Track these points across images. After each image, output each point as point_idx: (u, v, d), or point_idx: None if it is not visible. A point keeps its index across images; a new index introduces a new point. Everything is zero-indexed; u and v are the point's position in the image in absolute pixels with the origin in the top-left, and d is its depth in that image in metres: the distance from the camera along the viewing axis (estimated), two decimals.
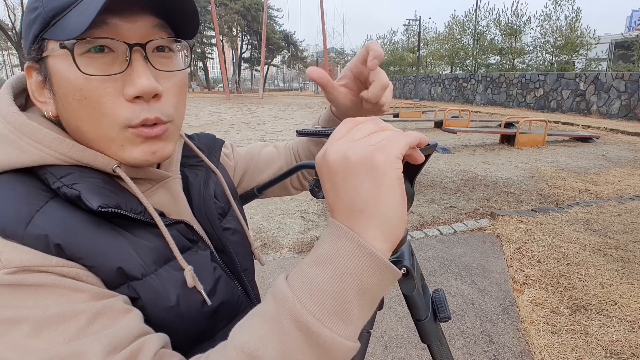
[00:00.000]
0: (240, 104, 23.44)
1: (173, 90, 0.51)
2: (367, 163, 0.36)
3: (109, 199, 0.46)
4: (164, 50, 0.50)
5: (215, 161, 0.71)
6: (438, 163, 6.75)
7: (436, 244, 3.52)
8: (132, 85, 0.46)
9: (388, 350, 2.18)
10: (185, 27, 0.50)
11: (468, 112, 12.00)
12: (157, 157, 0.51)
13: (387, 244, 0.36)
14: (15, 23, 28.73)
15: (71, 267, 0.42)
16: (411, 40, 34.06)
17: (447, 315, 0.60)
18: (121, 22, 0.45)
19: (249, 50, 52.64)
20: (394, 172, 0.36)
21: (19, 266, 0.39)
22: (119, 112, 0.46)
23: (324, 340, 0.34)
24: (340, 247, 0.36)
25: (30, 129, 0.46)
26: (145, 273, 0.47)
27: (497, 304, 2.59)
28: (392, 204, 0.36)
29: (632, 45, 18.51)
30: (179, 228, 0.54)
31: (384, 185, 0.35)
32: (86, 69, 0.44)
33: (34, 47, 0.47)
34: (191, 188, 0.63)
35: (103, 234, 0.45)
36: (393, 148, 0.36)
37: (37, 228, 0.41)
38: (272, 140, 8.99)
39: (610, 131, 10.78)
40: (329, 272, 0.35)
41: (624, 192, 5.00)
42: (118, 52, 0.46)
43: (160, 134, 0.49)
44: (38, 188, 0.45)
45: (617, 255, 3.20)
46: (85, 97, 0.45)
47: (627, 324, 2.33)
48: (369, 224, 0.36)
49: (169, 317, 0.48)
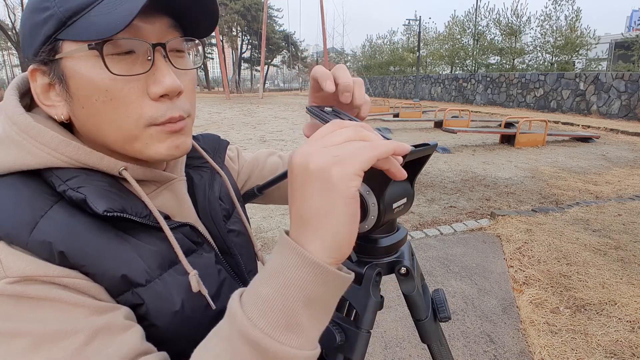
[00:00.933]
0: (240, 104, 23.43)
1: (190, 87, 0.52)
2: (323, 175, 0.35)
3: (115, 203, 0.46)
4: (178, 50, 0.51)
5: (220, 162, 0.71)
6: (438, 163, 6.75)
7: (436, 244, 3.52)
8: (157, 84, 0.47)
9: (388, 350, 2.18)
10: (196, 27, 0.51)
11: (468, 112, 11.99)
12: (181, 151, 0.51)
13: (330, 259, 0.36)
14: (15, 23, 28.71)
15: (73, 278, 0.42)
16: (411, 40, 34.05)
17: (447, 315, 0.60)
18: (142, 23, 0.46)
19: (249, 50, 52.63)
20: (346, 190, 0.34)
21: (22, 276, 0.39)
22: (144, 111, 0.47)
23: (275, 353, 0.35)
24: (285, 259, 0.36)
25: (37, 131, 0.46)
26: (150, 279, 0.47)
27: (497, 304, 2.59)
28: (340, 222, 0.35)
29: (632, 45, 18.50)
30: (184, 231, 0.54)
31: (335, 201, 0.35)
32: (112, 69, 0.44)
33: (44, 48, 0.46)
34: (196, 189, 0.62)
35: (107, 240, 0.45)
36: (354, 163, 0.34)
37: (42, 234, 0.41)
38: (272, 141, 9.03)
39: (610, 131, 10.77)
40: (275, 286, 0.36)
41: (624, 192, 5.00)
42: (139, 53, 0.46)
43: (183, 127, 0.51)
44: (43, 191, 0.45)
45: (617, 255, 3.20)
46: (112, 98, 0.45)
47: (627, 324, 2.33)
48: (314, 237, 0.36)
49: (174, 322, 0.48)
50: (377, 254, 0.55)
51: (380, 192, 0.49)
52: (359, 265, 0.54)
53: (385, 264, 0.56)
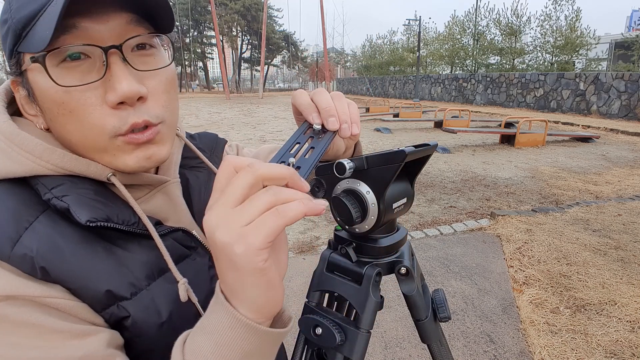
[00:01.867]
0: (240, 104, 23.43)
1: (160, 89, 0.48)
2: (227, 252, 0.33)
3: (98, 212, 0.44)
4: (144, 48, 0.47)
5: (217, 162, 0.69)
6: (438, 163, 6.75)
7: (436, 244, 3.52)
8: (112, 91, 0.43)
9: (388, 350, 2.18)
10: (161, 19, 0.47)
11: (468, 112, 11.99)
12: (153, 162, 0.49)
13: (262, 318, 0.38)
14: None
15: (55, 298, 0.40)
16: (411, 40, 34.04)
17: (447, 315, 0.60)
18: (92, 23, 0.42)
19: (249, 50, 52.61)
20: (252, 266, 0.33)
21: (3, 294, 0.38)
22: (105, 121, 0.44)
23: None
24: (220, 318, 0.37)
25: (21, 139, 0.45)
26: (136, 291, 0.46)
27: (497, 304, 2.59)
28: (255, 294, 0.36)
29: (632, 45, 18.50)
30: (176, 236, 0.52)
31: (244, 279, 0.35)
32: (63, 80, 0.42)
33: (12, 61, 0.45)
34: (191, 191, 0.61)
35: (92, 254, 0.44)
36: (257, 237, 0.32)
37: (24, 248, 0.40)
38: (272, 141, 9.02)
39: (610, 131, 10.77)
40: (213, 343, 0.37)
41: (624, 192, 5.00)
42: (94, 58, 0.43)
43: (152, 137, 0.47)
44: (30, 200, 0.44)
45: (617, 255, 3.20)
46: (70, 110, 0.43)
47: (627, 324, 2.33)
48: (240, 303, 0.37)
49: (161, 332, 0.47)
50: (377, 254, 0.55)
51: (380, 192, 0.49)
52: (359, 265, 0.54)
53: (385, 264, 0.56)
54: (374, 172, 0.49)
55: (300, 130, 0.48)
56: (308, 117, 0.49)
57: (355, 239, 0.55)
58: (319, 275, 0.57)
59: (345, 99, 0.51)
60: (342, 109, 0.50)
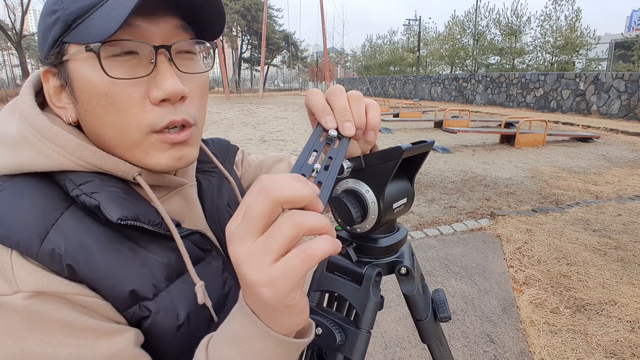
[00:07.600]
0: (240, 103, 23.42)
1: (197, 93, 0.50)
2: (257, 293, 0.33)
3: (128, 211, 0.45)
4: (186, 52, 0.49)
5: (229, 168, 0.70)
6: (438, 163, 6.75)
7: (436, 244, 3.52)
8: (158, 88, 0.45)
9: (388, 350, 2.18)
10: (208, 28, 0.49)
11: (468, 112, 11.99)
12: (183, 163, 0.50)
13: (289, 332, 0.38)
14: (15, 23, 28.67)
15: (83, 296, 0.41)
16: (411, 40, 34.06)
17: (447, 315, 0.60)
18: (145, 23, 0.44)
19: (249, 50, 52.59)
20: (282, 306, 0.34)
21: (35, 290, 0.38)
22: (145, 116, 0.45)
23: None
24: (246, 328, 0.37)
25: (53, 133, 0.45)
26: (157, 292, 0.46)
27: (497, 304, 2.59)
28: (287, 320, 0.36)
29: (632, 45, 18.51)
30: (194, 239, 0.53)
31: (275, 312, 0.35)
32: (113, 72, 0.43)
33: (53, 51, 0.46)
34: (204, 195, 0.61)
35: (117, 254, 0.44)
36: (287, 284, 0.32)
37: (52, 244, 0.40)
38: (272, 141, 9.02)
39: (610, 131, 10.77)
40: (239, 353, 0.37)
41: (624, 192, 5.00)
42: (142, 55, 0.45)
43: (187, 139, 0.48)
44: (55, 196, 0.44)
45: (617, 255, 3.20)
46: (112, 102, 0.44)
47: (627, 324, 2.33)
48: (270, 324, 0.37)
49: (178, 335, 0.47)
50: (377, 254, 0.55)
51: (380, 191, 0.49)
52: (359, 265, 0.54)
53: (385, 264, 0.56)
54: (372, 171, 0.49)
55: (315, 135, 0.45)
56: (321, 121, 0.45)
57: (356, 239, 0.55)
58: (319, 275, 0.56)
59: (364, 101, 0.48)
60: (358, 112, 0.46)
